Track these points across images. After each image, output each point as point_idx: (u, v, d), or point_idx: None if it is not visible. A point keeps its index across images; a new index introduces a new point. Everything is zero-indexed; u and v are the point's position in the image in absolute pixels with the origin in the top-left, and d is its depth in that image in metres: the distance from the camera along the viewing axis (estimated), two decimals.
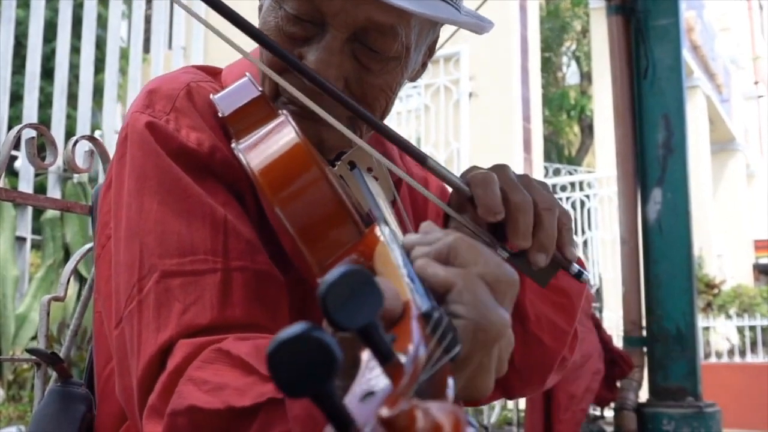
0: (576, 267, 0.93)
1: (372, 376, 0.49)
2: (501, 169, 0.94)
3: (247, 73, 1.02)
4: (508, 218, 0.90)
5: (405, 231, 0.93)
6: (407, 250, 0.71)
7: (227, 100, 0.99)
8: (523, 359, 1.11)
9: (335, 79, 0.95)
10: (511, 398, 1.19)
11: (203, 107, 1.00)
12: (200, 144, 0.96)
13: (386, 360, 0.50)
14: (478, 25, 1.04)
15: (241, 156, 0.87)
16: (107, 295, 0.98)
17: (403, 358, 0.50)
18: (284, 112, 0.91)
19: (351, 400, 0.46)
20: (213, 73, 1.12)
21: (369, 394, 0.47)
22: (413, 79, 1.11)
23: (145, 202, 0.93)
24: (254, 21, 0.99)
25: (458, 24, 1.01)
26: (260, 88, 0.99)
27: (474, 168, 0.95)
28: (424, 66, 1.11)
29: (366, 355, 0.51)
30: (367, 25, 0.95)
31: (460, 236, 0.70)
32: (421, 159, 0.93)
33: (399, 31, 0.96)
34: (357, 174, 0.93)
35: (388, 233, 0.75)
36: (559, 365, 1.17)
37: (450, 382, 0.53)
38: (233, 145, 0.90)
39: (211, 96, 1.00)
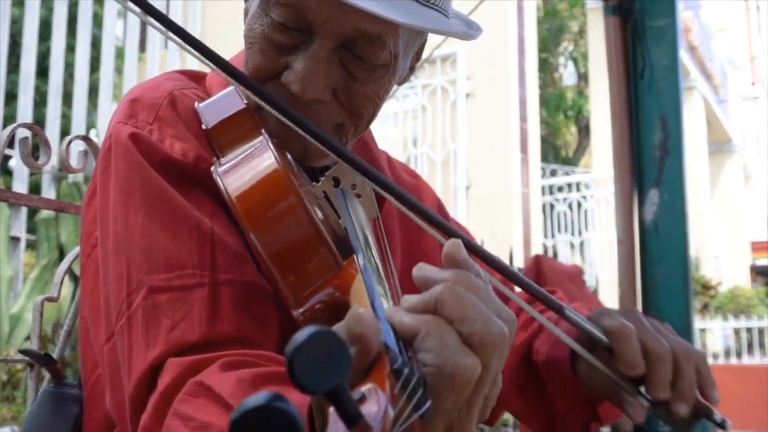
0: (719, 415, 0.92)
1: None
2: (634, 317, 0.95)
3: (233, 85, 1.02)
4: (647, 369, 0.90)
5: (382, 253, 0.91)
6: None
7: (211, 110, 0.98)
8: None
9: (323, 89, 0.94)
10: None
11: (187, 116, 0.99)
12: (185, 154, 0.95)
13: (353, 422, 0.49)
14: (467, 34, 1.04)
15: (218, 180, 0.85)
16: (93, 305, 0.97)
17: (370, 419, 0.49)
18: (264, 132, 0.89)
19: None
20: (197, 78, 1.11)
21: None
22: (401, 83, 1.10)
23: (130, 216, 0.92)
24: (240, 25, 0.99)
25: (446, 34, 1.01)
26: (245, 100, 0.98)
27: (605, 312, 0.96)
28: (412, 70, 1.10)
29: (332, 415, 0.50)
30: (355, 34, 0.94)
31: (450, 287, 0.64)
32: (557, 309, 0.93)
33: (387, 39, 0.95)
34: (339, 194, 0.91)
35: (364, 267, 0.73)
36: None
37: None
38: (212, 168, 0.89)
39: (195, 105, 0.99)
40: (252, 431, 0.43)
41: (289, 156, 0.97)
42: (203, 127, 0.96)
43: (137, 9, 0.86)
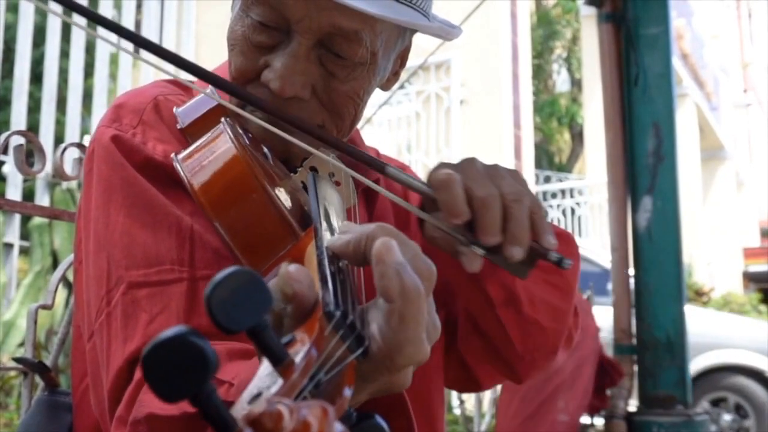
0: (555, 254, 0.89)
1: (266, 376, 0.50)
2: (467, 164, 0.91)
3: (210, 86, 1.02)
4: (474, 215, 0.87)
5: None
6: (332, 252, 0.69)
7: (187, 111, 1.00)
8: (525, 344, 1.09)
9: (301, 86, 0.95)
10: (520, 382, 1.17)
11: (170, 119, 1.01)
12: (166, 156, 0.96)
13: (279, 360, 0.50)
14: (444, 30, 1.04)
15: (178, 167, 0.86)
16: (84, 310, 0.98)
17: (297, 358, 0.50)
18: (225, 120, 0.90)
19: (242, 401, 0.47)
20: (185, 87, 1.12)
21: (257, 396, 0.47)
22: (386, 87, 1.11)
23: (111, 215, 0.94)
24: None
25: (423, 29, 1.02)
26: (218, 99, 0.99)
27: (442, 165, 0.91)
28: (396, 75, 1.11)
29: (263, 359, 0.51)
30: (332, 30, 0.95)
31: (381, 225, 0.66)
32: (379, 168, 0.92)
33: (364, 36, 0.96)
34: (310, 179, 0.92)
35: (321, 232, 0.74)
36: (566, 342, 1.15)
37: (347, 391, 0.53)
38: (172, 155, 0.90)
39: (174, 109, 1.01)
40: (165, 365, 0.43)
41: (266, 150, 0.99)
42: (178, 126, 0.99)
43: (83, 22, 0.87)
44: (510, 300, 1.06)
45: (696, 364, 7.14)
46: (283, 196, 0.84)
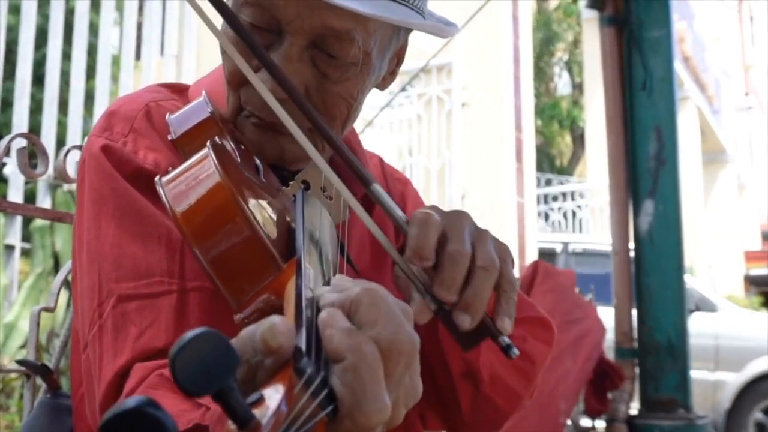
0: (506, 340, 0.83)
1: None
2: (456, 215, 0.85)
3: (204, 92, 1.02)
4: (438, 265, 0.81)
5: (342, 259, 0.90)
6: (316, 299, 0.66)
7: (179, 120, 0.99)
8: (473, 415, 1.07)
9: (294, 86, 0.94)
10: None
11: (162, 127, 1.00)
12: (157, 165, 0.96)
13: (244, 423, 0.49)
14: (439, 28, 1.03)
15: (161, 191, 0.83)
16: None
17: (264, 418, 0.49)
18: (210, 143, 0.86)
19: None
20: (179, 90, 1.11)
21: None
22: (383, 87, 1.10)
23: (102, 227, 0.93)
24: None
25: (417, 27, 1.00)
26: (210, 109, 0.98)
27: (431, 208, 0.86)
28: (393, 74, 1.10)
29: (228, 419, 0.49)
30: (324, 31, 0.94)
31: (368, 290, 0.63)
32: (365, 182, 0.86)
33: (356, 36, 0.95)
34: (298, 196, 0.89)
35: (299, 266, 0.71)
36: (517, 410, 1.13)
37: None
38: (156, 178, 0.86)
39: (166, 116, 1.00)
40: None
41: (258, 162, 0.97)
42: (169, 137, 0.97)
43: None
44: (469, 374, 1.05)
45: (749, 370, 7.04)
46: (268, 223, 0.81)
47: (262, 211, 0.82)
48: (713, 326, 7.27)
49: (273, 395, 0.52)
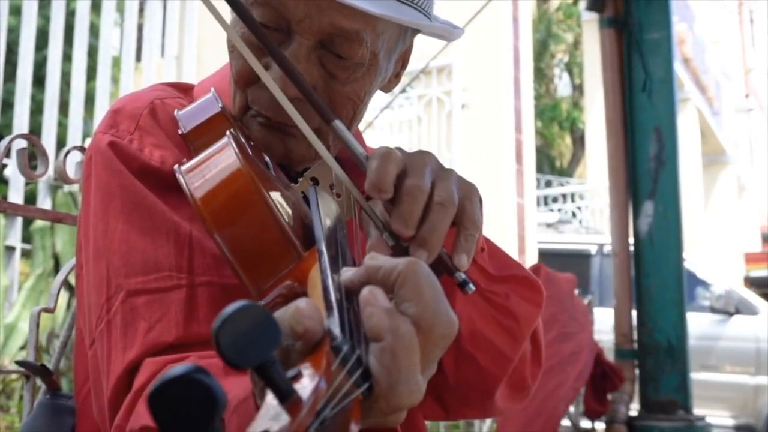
0: (462, 275, 0.82)
1: (272, 413, 0.49)
2: (420, 154, 0.85)
3: (213, 89, 1.02)
4: (395, 200, 0.80)
5: (354, 252, 0.90)
6: (347, 280, 0.66)
7: (189, 116, 0.99)
8: (457, 377, 1.04)
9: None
10: (451, 419, 1.12)
11: (167, 124, 1.00)
12: (164, 162, 0.96)
13: (285, 397, 0.49)
14: (447, 30, 1.03)
15: (181, 178, 0.85)
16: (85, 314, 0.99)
17: (304, 393, 0.49)
18: (230, 132, 0.88)
19: None
20: (184, 89, 1.12)
21: None
22: (387, 89, 1.10)
23: (110, 222, 0.93)
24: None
25: (425, 29, 1.01)
26: (220, 104, 0.98)
27: (397, 148, 0.86)
28: (398, 77, 1.10)
29: (268, 393, 0.50)
30: (333, 31, 0.94)
31: (415, 268, 0.63)
32: (327, 118, 0.88)
33: (365, 36, 0.95)
34: (311, 192, 0.90)
35: (321, 253, 0.72)
36: (518, 390, 1.11)
37: (353, 428, 0.52)
38: (176, 167, 0.87)
39: (175, 112, 1.00)
40: (171, 401, 0.43)
41: (267, 158, 0.98)
42: (180, 132, 0.98)
43: None
44: None
45: None
46: (286, 212, 0.83)
47: (280, 199, 0.83)
48: (754, 329, 7.11)
49: (310, 372, 0.52)
